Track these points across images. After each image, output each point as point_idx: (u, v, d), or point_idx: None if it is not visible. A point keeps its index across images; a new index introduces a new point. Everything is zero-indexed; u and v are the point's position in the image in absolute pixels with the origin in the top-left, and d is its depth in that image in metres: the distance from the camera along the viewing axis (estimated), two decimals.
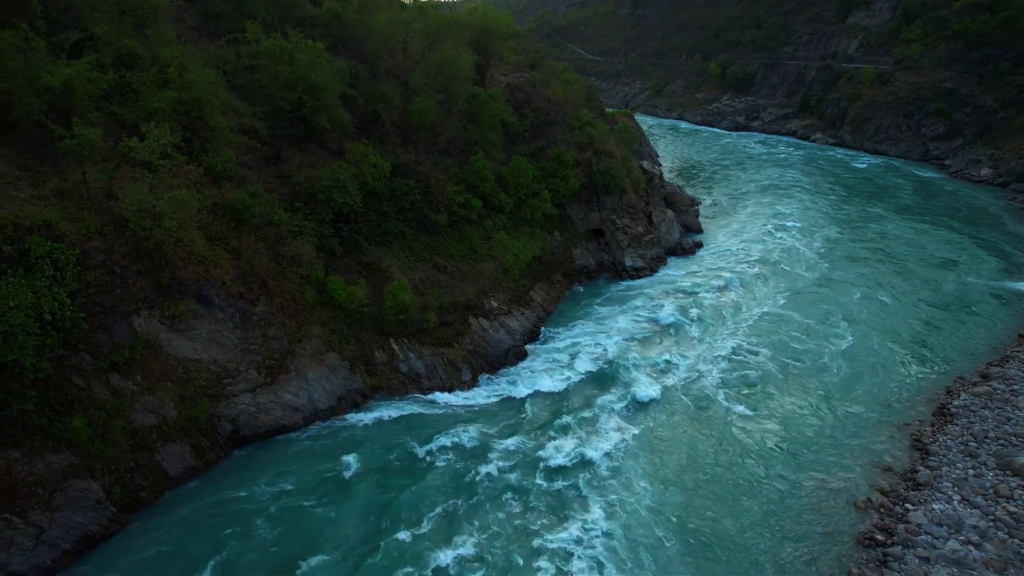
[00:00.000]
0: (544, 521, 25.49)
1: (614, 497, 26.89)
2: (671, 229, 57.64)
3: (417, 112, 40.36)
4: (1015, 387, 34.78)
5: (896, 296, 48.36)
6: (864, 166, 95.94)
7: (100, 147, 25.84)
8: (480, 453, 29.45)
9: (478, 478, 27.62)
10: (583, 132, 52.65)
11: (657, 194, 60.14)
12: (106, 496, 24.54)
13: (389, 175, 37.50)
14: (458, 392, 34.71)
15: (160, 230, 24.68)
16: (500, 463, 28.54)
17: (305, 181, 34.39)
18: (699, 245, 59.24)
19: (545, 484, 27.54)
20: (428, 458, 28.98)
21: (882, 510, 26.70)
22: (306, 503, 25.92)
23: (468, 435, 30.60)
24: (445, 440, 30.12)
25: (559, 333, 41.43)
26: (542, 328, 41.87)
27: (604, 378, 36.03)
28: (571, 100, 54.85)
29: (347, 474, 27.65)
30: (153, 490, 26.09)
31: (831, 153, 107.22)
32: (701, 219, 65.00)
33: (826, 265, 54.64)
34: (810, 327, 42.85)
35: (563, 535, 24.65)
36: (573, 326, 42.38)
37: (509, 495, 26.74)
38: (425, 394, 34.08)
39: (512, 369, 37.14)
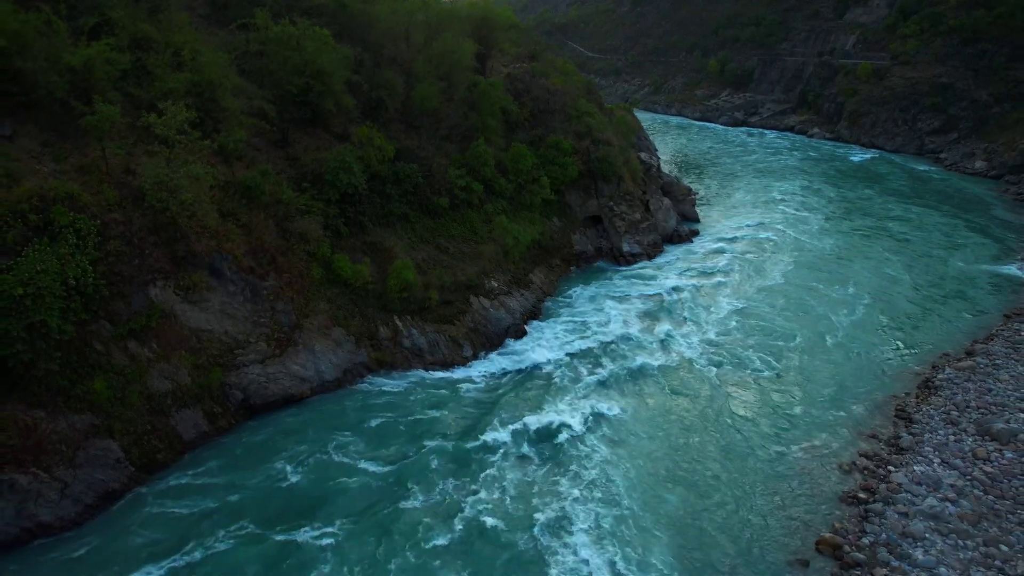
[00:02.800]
0: (543, 475, 26.77)
1: (607, 459, 28.12)
2: (668, 217, 58.85)
3: (420, 98, 41.62)
4: (997, 362, 36.00)
5: (888, 278, 49.59)
6: (867, 158, 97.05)
7: (118, 124, 27.09)
8: (481, 421, 30.65)
9: (480, 443, 28.83)
10: (581, 121, 53.87)
11: (654, 183, 61.35)
12: (125, 456, 25.76)
13: (392, 159, 38.73)
14: (459, 367, 35.94)
15: (176, 202, 25.94)
16: (500, 429, 29.74)
17: (312, 162, 35.66)
18: (695, 233, 60.44)
19: (540, 448, 28.77)
20: (431, 426, 30.17)
21: (865, 472, 27.94)
22: (316, 466, 27.06)
23: (469, 404, 31.87)
24: (447, 409, 31.38)
25: (558, 313, 42.67)
26: (541, 308, 43.09)
27: (601, 353, 37.24)
28: (570, 90, 56.08)
29: (356, 440, 28.84)
30: (169, 452, 27.29)
31: (821, 145, 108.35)
32: (698, 208, 66.20)
33: (819, 251, 55.83)
34: (803, 307, 44.08)
35: (561, 487, 25.96)
36: (571, 307, 43.61)
37: (510, 455, 28.01)
38: (428, 368, 35.31)
39: (512, 346, 38.37)
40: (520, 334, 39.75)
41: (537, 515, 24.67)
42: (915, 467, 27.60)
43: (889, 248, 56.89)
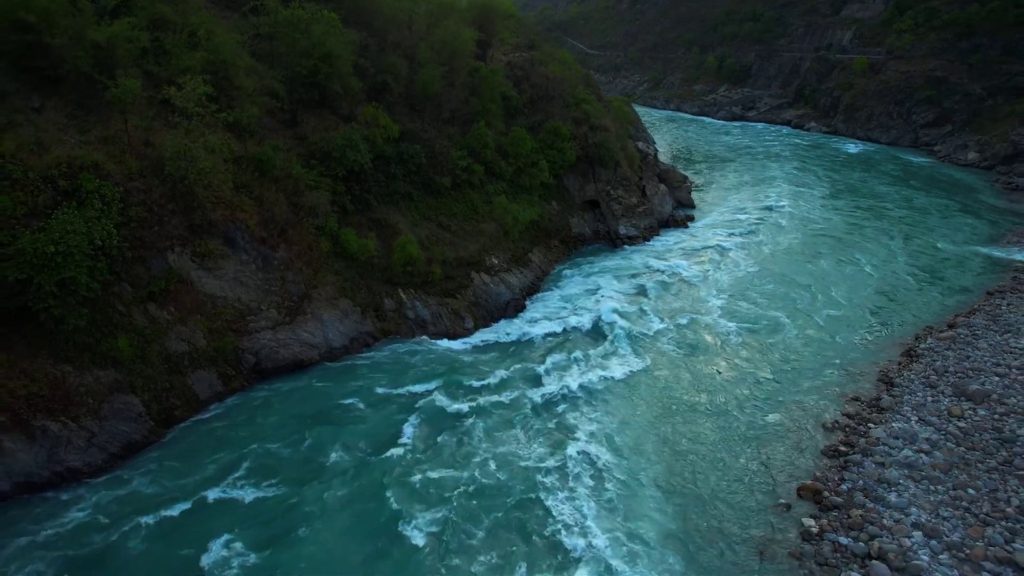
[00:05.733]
0: (541, 429, 28.41)
1: (602, 417, 29.68)
2: (664, 202, 60.39)
3: (423, 82, 43.16)
4: (977, 333, 37.52)
5: (878, 259, 51.17)
6: (861, 150, 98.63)
7: (138, 99, 28.65)
8: (480, 384, 32.11)
9: (480, 403, 30.36)
10: (579, 108, 55.40)
11: (651, 171, 62.88)
12: (146, 411, 27.33)
13: (397, 139, 40.25)
14: (461, 337, 37.47)
15: (194, 170, 27.47)
16: (499, 390, 31.33)
17: (320, 141, 37.20)
18: (691, 219, 61.98)
19: (541, 408, 30.34)
20: (434, 388, 31.62)
21: (847, 429, 29.45)
22: (324, 422, 28.59)
23: (470, 370, 33.35)
24: (449, 374, 32.84)
25: (556, 290, 44.22)
26: (540, 285, 44.64)
27: (597, 326, 38.72)
28: (568, 79, 57.59)
29: (361, 400, 30.38)
30: (186, 409, 28.83)
31: (816, 139, 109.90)
32: (694, 196, 67.73)
33: (813, 234, 57.37)
34: (795, 285, 45.63)
35: (558, 440, 27.58)
36: (569, 285, 45.15)
37: (509, 414, 29.58)
38: (431, 338, 36.84)
39: (512, 319, 39.91)
40: (519, 308, 41.30)
41: (533, 461, 26.23)
42: (893, 424, 29.13)
43: (882, 232, 58.44)
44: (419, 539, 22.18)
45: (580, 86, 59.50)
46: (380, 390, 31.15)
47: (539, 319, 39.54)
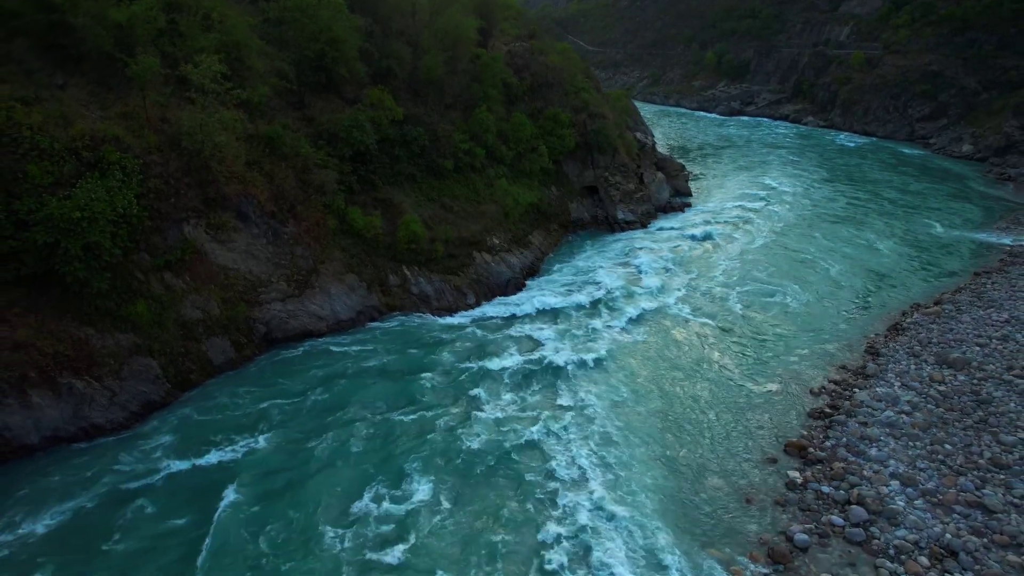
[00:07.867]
0: (537, 395, 29.80)
1: (598, 384, 31.04)
2: (661, 189, 61.70)
3: (426, 68, 44.48)
4: (962, 308, 38.86)
5: (871, 244, 52.49)
6: (858, 144, 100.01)
7: (157, 76, 29.98)
8: (480, 354, 33.41)
9: (479, 370, 31.68)
10: (578, 96, 56.69)
11: (649, 159, 64.16)
12: (163, 373, 28.68)
13: (401, 122, 41.55)
14: (463, 312, 38.80)
15: (210, 144, 28.80)
16: (498, 359, 32.64)
17: (327, 123, 38.53)
18: (688, 205, 63.31)
19: (542, 369, 31.75)
20: (435, 356, 32.98)
21: (833, 393, 30.81)
22: (332, 386, 29.93)
23: (470, 342, 34.69)
24: (450, 344, 34.21)
25: (555, 270, 45.55)
26: (540, 266, 45.96)
27: (596, 303, 40.04)
28: (568, 67, 58.88)
29: (367, 367, 31.72)
30: (200, 374, 30.16)
31: (813, 132, 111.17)
32: (691, 185, 69.00)
33: (808, 219, 58.67)
34: (789, 265, 46.98)
35: (554, 404, 29.05)
36: (568, 265, 46.49)
37: (507, 381, 30.92)
38: (434, 312, 38.18)
39: (512, 297, 41.23)
40: (520, 287, 42.62)
41: (532, 424, 27.57)
42: (877, 388, 30.46)
43: (876, 217, 59.79)
44: (425, 484, 23.57)
45: (579, 76, 60.77)
46: (389, 356, 32.53)
47: (539, 296, 40.81)
